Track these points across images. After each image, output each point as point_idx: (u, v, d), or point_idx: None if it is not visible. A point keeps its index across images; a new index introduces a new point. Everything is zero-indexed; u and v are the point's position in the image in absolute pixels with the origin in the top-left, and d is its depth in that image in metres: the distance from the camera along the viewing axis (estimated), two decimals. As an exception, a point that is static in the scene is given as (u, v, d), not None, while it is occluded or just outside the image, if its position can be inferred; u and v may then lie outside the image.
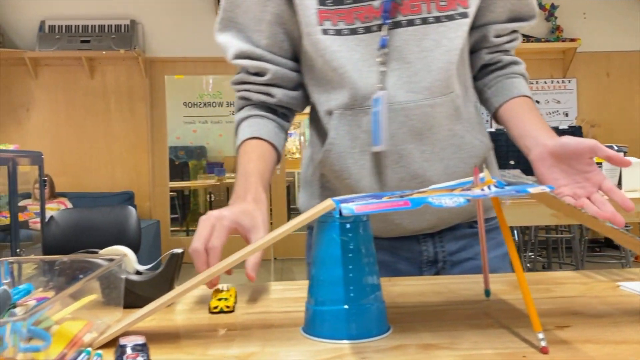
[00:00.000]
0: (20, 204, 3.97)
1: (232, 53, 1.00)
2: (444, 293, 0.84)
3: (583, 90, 6.06)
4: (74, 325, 0.60)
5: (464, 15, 0.94)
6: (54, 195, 4.98)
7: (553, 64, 6.05)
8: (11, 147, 3.20)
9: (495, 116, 1.04)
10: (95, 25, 5.55)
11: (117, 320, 0.71)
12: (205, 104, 7.65)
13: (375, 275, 0.66)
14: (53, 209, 4.72)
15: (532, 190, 0.59)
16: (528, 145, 0.92)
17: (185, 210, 8.00)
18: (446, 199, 0.59)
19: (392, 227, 0.98)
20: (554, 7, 5.91)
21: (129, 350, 0.56)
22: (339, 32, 0.92)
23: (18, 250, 3.14)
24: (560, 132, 2.64)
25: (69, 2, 5.59)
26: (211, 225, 0.79)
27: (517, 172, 2.83)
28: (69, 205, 4.95)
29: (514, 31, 1.05)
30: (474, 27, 1.01)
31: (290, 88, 1.02)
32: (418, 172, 0.94)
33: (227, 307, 0.77)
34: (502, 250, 1.05)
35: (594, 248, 5.51)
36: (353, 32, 0.92)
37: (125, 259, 0.80)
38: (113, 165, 5.71)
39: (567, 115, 6.08)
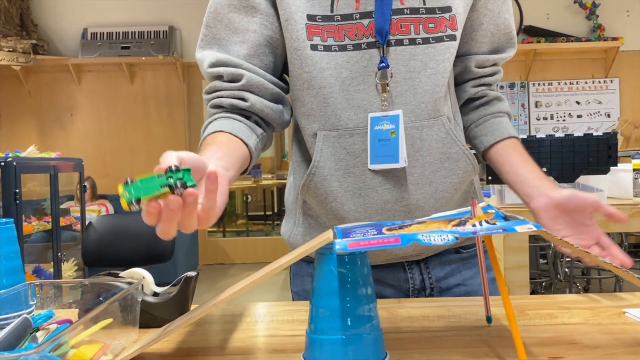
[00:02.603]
0: (65, 205, 4.13)
1: (208, 63, 0.96)
2: (448, 317, 0.86)
3: (626, 90, 5.90)
4: (90, 349, 0.65)
5: (452, 37, 0.94)
6: (96, 196, 5.16)
7: (594, 63, 5.91)
8: (53, 154, 3.32)
9: (484, 155, 1.06)
10: (135, 32, 5.72)
11: (133, 340, 0.76)
12: (241, 107, 7.74)
13: (372, 304, 0.69)
14: (94, 210, 4.90)
15: (519, 228, 0.61)
16: (529, 194, 0.94)
17: (222, 211, 8.12)
18: (435, 236, 0.61)
19: (378, 253, 0.97)
20: (595, 5, 5.77)
21: (136, 376, 0.61)
22: (328, 48, 0.91)
23: (59, 253, 3.28)
24: (594, 138, 2.59)
25: (110, 10, 5.78)
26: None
27: (550, 179, 2.79)
28: (110, 206, 5.12)
29: (495, 64, 1.06)
30: (456, 57, 1.01)
31: (267, 98, 0.97)
32: (403, 195, 0.93)
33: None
34: (488, 275, 1.05)
35: (636, 253, 5.36)
36: (342, 48, 0.91)
37: (143, 281, 0.85)
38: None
39: (609, 116, 5.94)
